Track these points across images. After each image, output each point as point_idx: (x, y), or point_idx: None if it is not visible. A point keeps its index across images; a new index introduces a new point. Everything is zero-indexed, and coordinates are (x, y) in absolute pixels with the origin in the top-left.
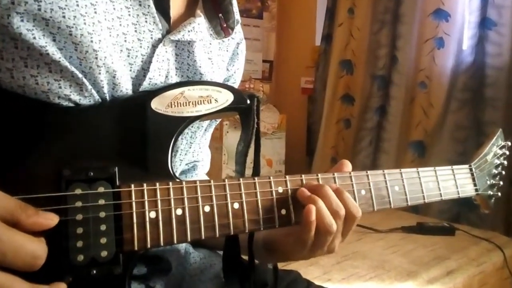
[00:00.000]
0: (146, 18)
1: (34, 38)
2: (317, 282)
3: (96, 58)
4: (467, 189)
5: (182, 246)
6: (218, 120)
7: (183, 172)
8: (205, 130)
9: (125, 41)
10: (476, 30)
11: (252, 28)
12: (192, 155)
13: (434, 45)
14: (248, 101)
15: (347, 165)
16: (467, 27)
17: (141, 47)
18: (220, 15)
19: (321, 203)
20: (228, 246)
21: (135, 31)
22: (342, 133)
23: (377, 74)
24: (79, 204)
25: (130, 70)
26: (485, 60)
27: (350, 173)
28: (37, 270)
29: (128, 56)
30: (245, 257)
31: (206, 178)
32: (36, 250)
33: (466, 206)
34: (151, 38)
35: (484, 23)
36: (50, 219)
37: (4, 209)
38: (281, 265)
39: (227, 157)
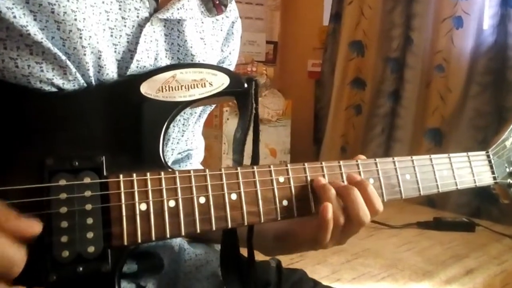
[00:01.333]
0: None
1: (14, 17)
2: (325, 282)
3: (81, 37)
4: (485, 178)
5: (176, 242)
6: (213, 106)
7: (176, 162)
8: (199, 116)
9: (108, 19)
10: (498, 8)
11: (255, 6)
12: (185, 143)
13: (452, 24)
14: (246, 85)
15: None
16: (487, 5)
17: (125, 26)
18: None
19: (356, 197)
20: (226, 240)
21: (119, 8)
22: (352, 120)
23: (390, 56)
24: (63, 196)
25: (115, 52)
26: (508, 40)
27: (357, 161)
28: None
29: (111, 35)
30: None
31: (201, 167)
32: (13, 256)
33: (487, 199)
34: (137, 16)
35: (507, 1)
36: (32, 227)
37: None
38: (285, 263)
39: (228, 146)
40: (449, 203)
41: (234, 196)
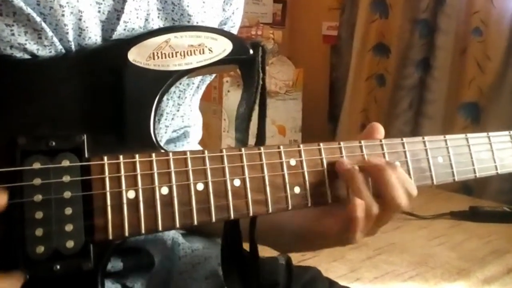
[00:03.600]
0: None
1: None
2: (342, 282)
3: None
4: None
5: (169, 235)
6: (213, 76)
7: (171, 141)
8: (197, 87)
9: None
10: None
11: None
12: (181, 119)
13: None
14: (251, 51)
15: (379, 130)
16: None
17: None
18: None
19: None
20: (228, 234)
21: None
22: (374, 93)
23: (419, 18)
24: (37, 181)
25: (99, 12)
26: None
27: (380, 141)
28: None
29: None
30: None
31: (199, 148)
32: None
33: None
34: None
35: None
36: None
37: None
38: (296, 261)
39: (228, 123)
40: (488, 190)
41: (237, 182)
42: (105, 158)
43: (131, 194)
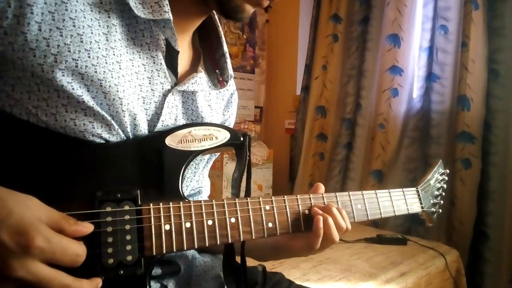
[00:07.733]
0: (158, 73)
1: (73, 89)
2: (297, 282)
3: (121, 104)
4: (415, 207)
5: (190, 252)
6: (218, 154)
7: (190, 196)
8: (207, 162)
9: (141, 91)
10: (423, 82)
11: (246, 80)
12: (196, 182)
13: (390, 94)
14: (242, 138)
15: (321, 187)
16: (416, 80)
17: (154, 95)
18: (217, 71)
19: (330, 219)
20: (227, 252)
21: (149, 83)
22: (318, 164)
23: (345, 117)
24: (109, 219)
25: (146, 114)
26: (431, 106)
27: (322, 195)
28: (78, 270)
29: (144, 103)
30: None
31: (208, 199)
32: (78, 249)
33: (415, 221)
34: (162, 88)
35: (430, 77)
36: (87, 227)
37: (51, 219)
38: (268, 268)
39: (227, 183)
40: (388, 224)
41: (233, 220)
42: (151, 204)
43: (167, 226)
